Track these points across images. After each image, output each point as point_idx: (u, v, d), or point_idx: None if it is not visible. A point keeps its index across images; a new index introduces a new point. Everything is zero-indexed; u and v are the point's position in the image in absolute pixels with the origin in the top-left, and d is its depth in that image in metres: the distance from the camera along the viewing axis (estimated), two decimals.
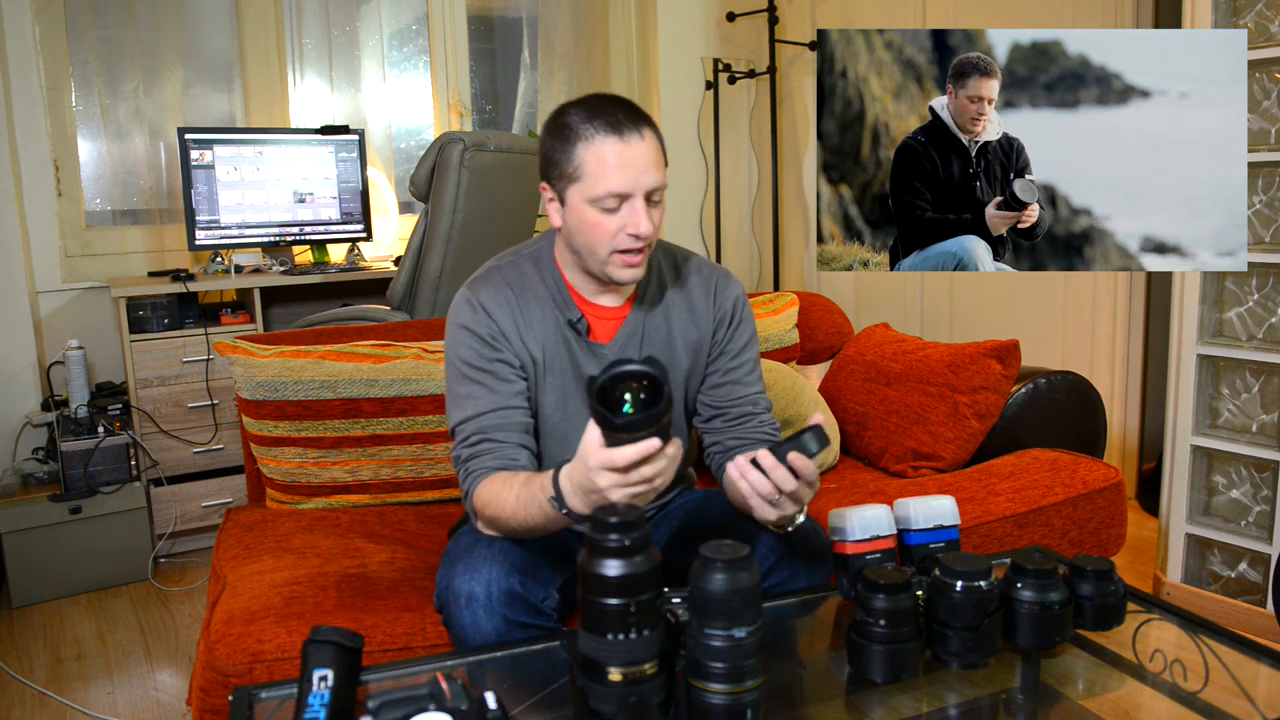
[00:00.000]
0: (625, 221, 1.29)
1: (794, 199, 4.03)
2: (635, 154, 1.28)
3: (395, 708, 0.90)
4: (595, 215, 1.30)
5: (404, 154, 3.68)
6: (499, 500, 1.26)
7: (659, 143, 1.33)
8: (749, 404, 1.47)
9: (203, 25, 3.28)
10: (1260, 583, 2.18)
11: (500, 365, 1.36)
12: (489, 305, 1.38)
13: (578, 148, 1.29)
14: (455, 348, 1.38)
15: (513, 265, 1.44)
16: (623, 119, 1.29)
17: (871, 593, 1.07)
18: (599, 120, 1.28)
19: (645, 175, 1.29)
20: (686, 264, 1.50)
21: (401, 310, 2.69)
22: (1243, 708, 1.12)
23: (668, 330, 1.46)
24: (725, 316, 1.49)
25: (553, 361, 1.40)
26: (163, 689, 2.14)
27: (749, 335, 1.51)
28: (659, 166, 1.31)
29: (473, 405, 1.35)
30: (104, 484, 2.69)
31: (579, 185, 1.30)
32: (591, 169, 1.28)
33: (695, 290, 1.48)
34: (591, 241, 1.32)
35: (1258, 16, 2.09)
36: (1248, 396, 2.20)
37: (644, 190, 1.29)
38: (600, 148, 1.27)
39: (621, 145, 1.27)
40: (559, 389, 1.41)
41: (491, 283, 1.41)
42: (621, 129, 1.28)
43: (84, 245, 3.12)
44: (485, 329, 1.37)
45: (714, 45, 3.97)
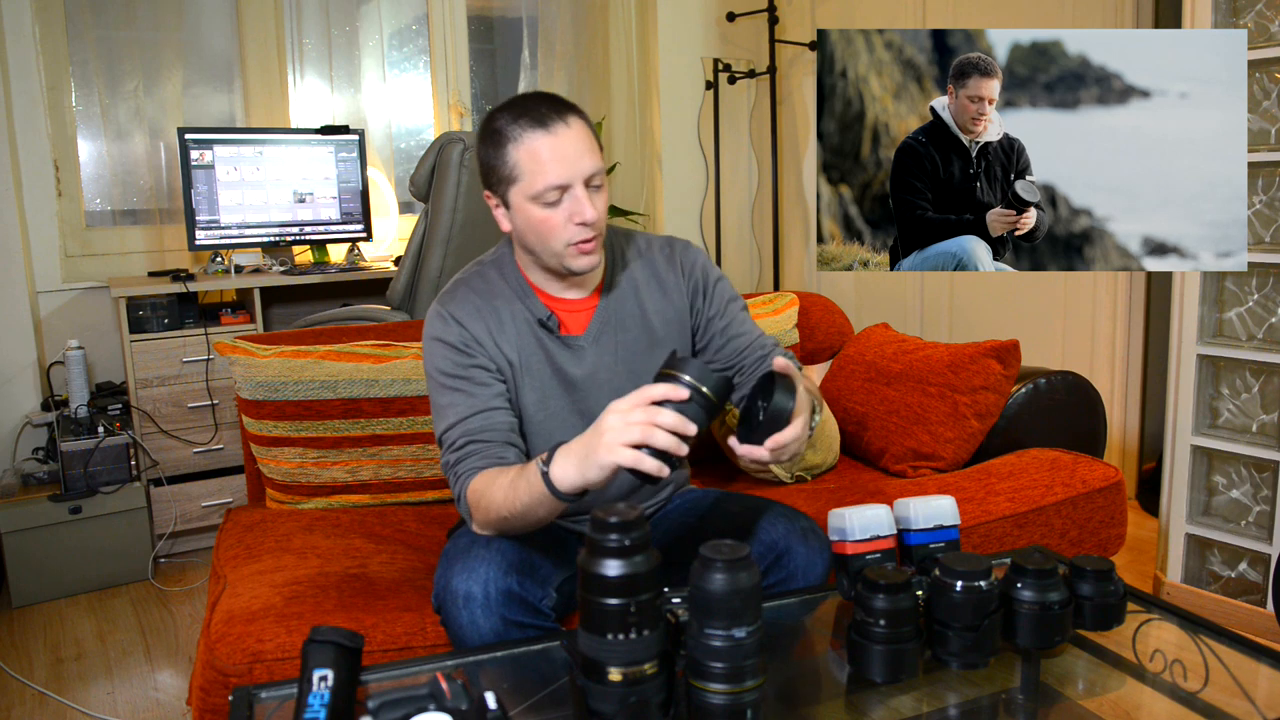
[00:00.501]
0: (571, 211, 1.31)
1: (794, 199, 4.03)
2: (565, 143, 1.29)
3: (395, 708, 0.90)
4: (540, 211, 1.31)
5: (404, 154, 3.68)
6: (490, 491, 1.26)
7: (589, 129, 1.34)
8: (758, 348, 1.49)
9: (203, 25, 3.28)
10: (1260, 583, 2.18)
11: (476, 370, 1.38)
12: (459, 315, 1.40)
13: (509, 149, 1.31)
14: (431, 360, 1.40)
15: (478, 274, 1.45)
16: (546, 111, 1.30)
17: (871, 593, 1.07)
18: (524, 118, 1.30)
19: (580, 162, 1.30)
20: (647, 244, 1.52)
21: (401, 310, 2.69)
22: (1243, 708, 1.12)
23: (640, 310, 1.47)
24: (698, 283, 1.50)
25: (529, 362, 1.41)
26: (163, 689, 2.14)
27: (727, 289, 1.52)
28: (592, 152, 1.32)
29: (454, 412, 1.35)
30: (104, 484, 2.69)
31: (518, 186, 1.32)
32: (526, 167, 1.30)
33: (660, 266, 1.50)
34: (543, 237, 1.33)
35: (1258, 16, 2.09)
36: (1248, 396, 2.20)
37: (581, 177, 1.30)
38: (531, 144, 1.29)
39: (550, 137, 1.29)
40: (538, 388, 1.42)
41: (459, 294, 1.43)
42: (546, 122, 1.29)
43: (84, 245, 3.12)
44: (457, 337, 1.38)
45: (714, 45, 3.97)
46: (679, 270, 1.50)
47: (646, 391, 1.10)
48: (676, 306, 1.49)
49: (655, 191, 3.97)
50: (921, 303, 3.53)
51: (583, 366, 1.43)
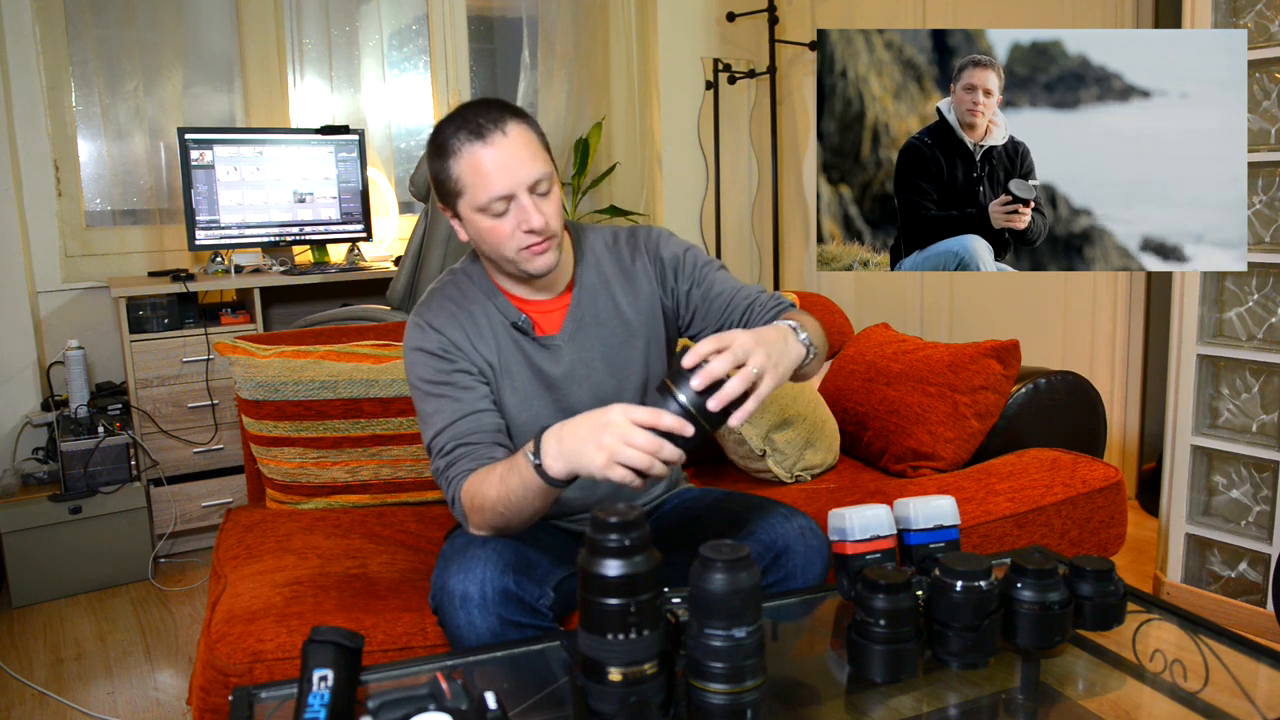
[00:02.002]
0: (518, 220, 1.31)
1: (794, 199, 4.03)
2: (503, 154, 1.28)
3: (395, 708, 0.90)
4: (489, 221, 1.31)
5: (404, 154, 3.68)
6: (483, 489, 1.26)
7: (532, 133, 1.32)
8: (744, 299, 1.45)
9: (203, 25, 3.28)
10: (1260, 583, 2.18)
11: (459, 375, 1.38)
12: (436, 323, 1.40)
13: (450, 163, 1.31)
14: (414, 370, 1.40)
15: (451, 283, 1.46)
16: (484, 122, 1.29)
17: (871, 593, 1.07)
18: (464, 130, 1.29)
19: (520, 171, 1.29)
20: (610, 236, 1.51)
21: (401, 310, 2.69)
22: (1243, 708, 1.12)
23: (613, 303, 1.46)
24: (664, 264, 1.49)
25: (508, 364, 1.42)
26: (163, 689, 2.14)
27: (697, 257, 1.49)
28: (535, 158, 1.31)
29: (440, 418, 1.35)
30: (104, 484, 2.69)
31: (464, 199, 1.32)
32: (469, 180, 1.30)
33: (625, 257, 1.49)
34: (495, 246, 1.33)
35: (1258, 16, 2.09)
36: (1248, 396, 2.20)
37: (524, 185, 1.30)
38: (470, 157, 1.29)
39: (487, 149, 1.28)
40: (519, 389, 1.42)
41: (434, 303, 1.43)
42: (484, 133, 1.28)
43: (84, 245, 3.12)
44: (436, 344, 1.38)
45: (714, 45, 3.97)
46: (645, 256, 1.49)
47: (659, 418, 1.10)
48: (646, 295, 1.48)
49: (655, 191, 3.97)
50: (921, 303, 3.53)
51: (560, 365, 1.43)
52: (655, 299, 1.49)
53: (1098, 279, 2.95)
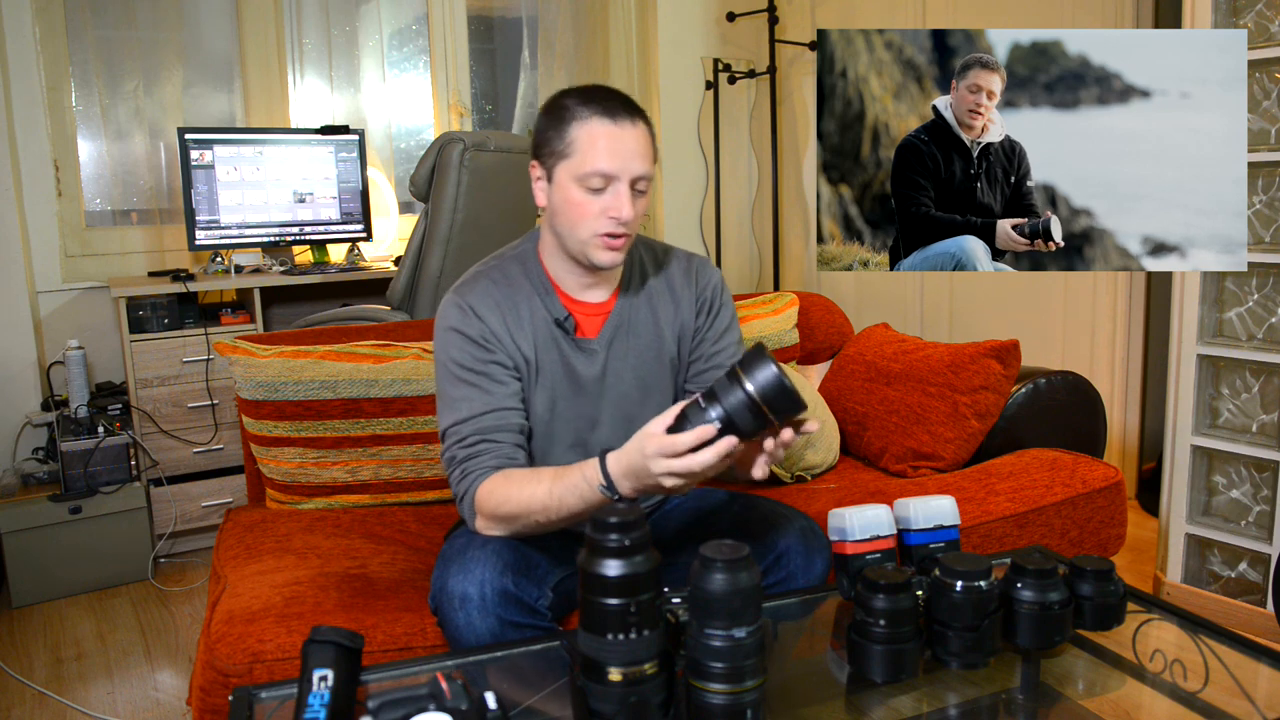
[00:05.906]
0: (608, 204, 1.31)
1: (794, 199, 4.03)
2: (626, 139, 1.30)
3: (395, 708, 0.90)
4: (580, 194, 1.31)
5: (404, 154, 3.68)
6: (523, 495, 1.26)
7: (651, 137, 1.35)
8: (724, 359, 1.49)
9: (203, 25, 3.28)
10: (1260, 583, 2.18)
11: (494, 367, 1.37)
12: (478, 308, 1.38)
13: (571, 126, 1.31)
14: (446, 349, 1.38)
15: (498, 268, 1.44)
16: (618, 106, 1.32)
17: (871, 593, 1.07)
18: (595, 104, 1.31)
19: (633, 161, 1.31)
20: (666, 255, 1.53)
21: (401, 310, 2.69)
22: (1243, 708, 1.12)
23: (653, 319, 1.47)
24: (706, 302, 1.51)
25: (543, 361, 1.41)
26: (163, 689, 2.14)
27: (729, 319, 1.52)
28: (648, 158, 1.33)
29: (467, 407, 1.35)
30: (104, 484, 2.69)
31: (568, 162, 1.32)
32: (582, 146, 1.30)
33: (676, 277, 1.50)
34: (574, 220, 1.33)
35: (1258, 16, 2.09)
36: (1248, 396, 2.20)
37: (630, 176, 1.31)
38: (593, 128, 1.30)
39: (614, 128, 1.30)
40: (549, 388, 1.42)
41: (479, 286, 1.41)
42: (616, 114, 1.31)
43: (84, 245, 3.12)
44: (476, 331, 1.37)
45: (714, 45, 3.97)
46: (694, 285, 1.51)
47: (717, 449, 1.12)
48: (684, 320, 1.50)
49: (655, 191, 3.97)
50: (921, 303, 3.53)
51: (593, 369, 1.43)
52: (689, 321, 1.50)
53: (1098, 279, 2.95)
